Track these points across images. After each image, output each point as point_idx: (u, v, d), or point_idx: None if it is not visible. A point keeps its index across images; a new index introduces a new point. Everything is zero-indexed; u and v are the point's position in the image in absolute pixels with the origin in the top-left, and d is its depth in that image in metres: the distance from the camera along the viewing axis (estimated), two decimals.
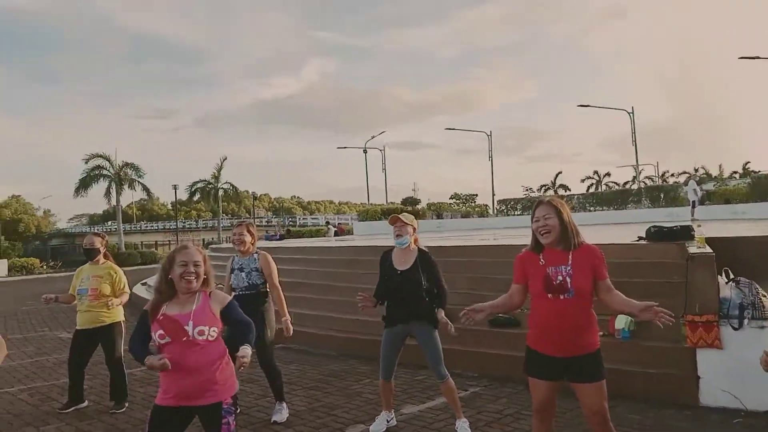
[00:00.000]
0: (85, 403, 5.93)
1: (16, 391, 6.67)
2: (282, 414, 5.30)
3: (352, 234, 32.42)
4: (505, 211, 36.32)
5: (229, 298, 3.39)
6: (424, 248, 4.86)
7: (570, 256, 3.40)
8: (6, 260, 32.33)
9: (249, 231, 5.44)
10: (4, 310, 14.70)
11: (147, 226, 74.58)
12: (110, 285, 5.81)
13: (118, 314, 5.91)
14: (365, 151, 46.30)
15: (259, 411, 5.57)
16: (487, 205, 44.30)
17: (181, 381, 3.14)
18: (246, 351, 3.12)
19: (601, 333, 6.16)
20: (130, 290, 6.13)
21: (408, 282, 4.67)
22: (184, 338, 3.14)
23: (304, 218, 78.85)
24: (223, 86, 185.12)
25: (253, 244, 5.46)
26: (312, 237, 32.82)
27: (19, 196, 55.25)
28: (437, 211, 38.17)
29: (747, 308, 5.20)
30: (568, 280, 3.35)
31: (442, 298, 4.71)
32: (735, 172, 50.79)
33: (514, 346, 3.51)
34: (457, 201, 72.38)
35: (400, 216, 4.80)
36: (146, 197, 46.34)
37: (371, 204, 43.58)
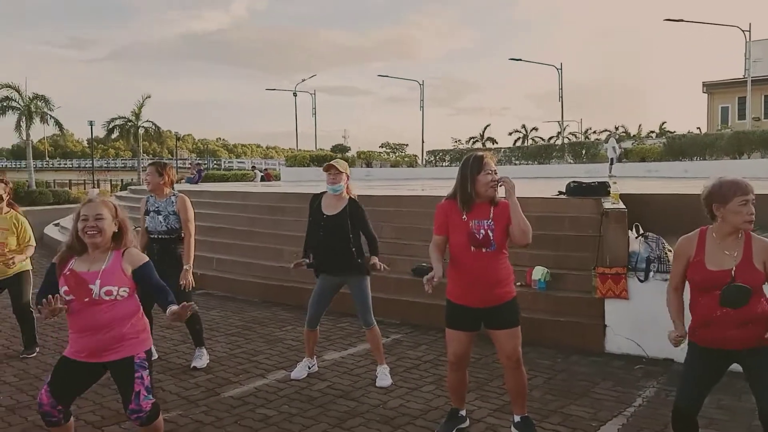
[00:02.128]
0: None
1: None
2: (202, 360, 5.25)
3: (280, 180, 31.96)
4: (433, 162, 36.64)
5: (144, 259, 3.19)
6: (355, 197, 4.83)
7: (491, 211, 3.48)
8: None
9: (159, 172, 5.19)
10: None
11: (61, 164, 70.95)
12: (15, 236, 5.48)
13: (26, 263, 5.62)
14: (295, 95, 45.24)
15: (178, 357, 5.50)
16: (416, 156, 44.49)
17: (87, 338, 3.05)
18: (174, 308, 3.00)
19: (518, 283, 6.42)
20: (36, 241, 5.78)
21: (334, 229, 4.65)
22: (86, 298, 3.01)
23: (229, 161, 76.89)
24: (149, 15, 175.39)
25: (166, 185, 5.23)
26: (237, 181, 32.14)
27: None
28: (367, 159, 37.99)
29: (653, 262, 5.51)
30: (491, 233, 3.44)
31: (372, 246, 4.73)
32: (652, 132, 53.12)
33: (435, 295, 3.61)
34: (387, 150, 72.50)
35: (333, 163, 4.73)
36: (59, 133, 43.80)
37: (300, 150, 42.91)
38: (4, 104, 37.56)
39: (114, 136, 47.84)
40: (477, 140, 56.02)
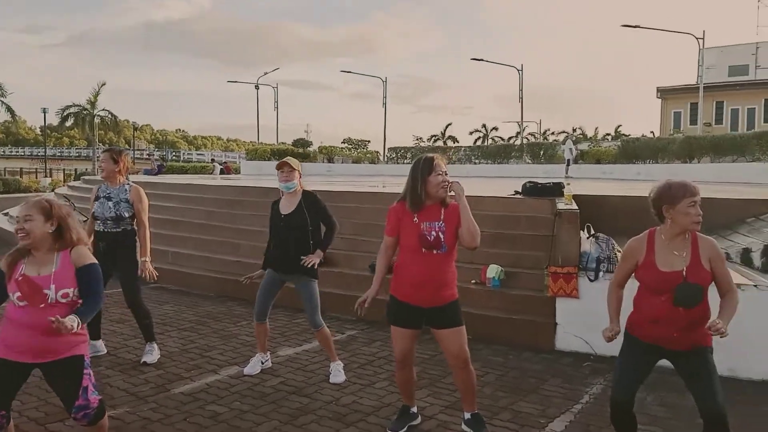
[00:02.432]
0: None
1: None
2: (152, 355, 5.16)
3: (239, 173, 31.58)
4: (395, 159, 36.73)
5: (89, 260, 3.08)
6: (308, 190, 4.82)
7: (442, 213, 3.51)
8: None
9: (114, 159, 5.10)
10: None
11: (12, 151, 68.67)
12: None
13: None
14: (257, 87, 44.67)
15: (128, 352, 5.39)
16: (378, 152, 44.54)
17: (32, 338, 2.95)
18: (73, 321, 2.80)
19: (473, 281, 6.49)
20: None
21: (292, 226, 4.62)
22: (42, 305, 2.93)
23: (189, 153, 75.61)
24: (111, 2, 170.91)
25: (120, 174, 5.13)
26: (196, 174, 31.62)
27: None
28: (328, 155, 37.80)
29: (603, 262, 5.64)
30: (441, 236, 3.46)
31: (330, 231, 4.72)
32: (608, 134, 54.24)
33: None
34: (349, 146, 72.20)
35: (287, 160, 4.72)
36: (11, 119, 42.37)
37: (261, 143, 42.44)
38: None
39: (68, 124, 46.52)
40: (438, 138, 56.36)
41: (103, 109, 44.86)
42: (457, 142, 54.29)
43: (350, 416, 4.09)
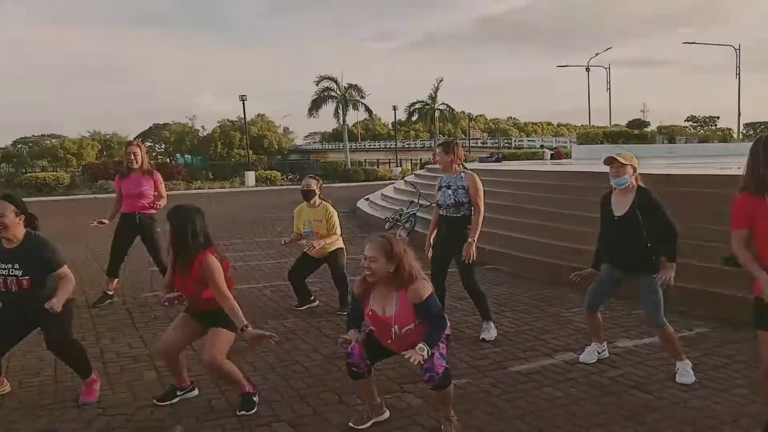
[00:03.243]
0: (316, 303, 6.67)
1: (261, 287, 7.70)
2: (490, 333, 5.43)
3: (570, 158, 31.01)
4: (752, 135, 31.80)
5: (426, 294, 3.38)
6: (643, 186, 4.44)
7: None
8: (253, 172, 36.63)
9: (446, 150, 5.45)
10: (253, 217, 16.81)
11: (370, 145, 78.85)
12: (325, 225, 6.40)
13: (339, 242, 6.56)
14: (588, 70, 43.30)
15: (468, 328, 5.76)
16: (731, 129, 39.00)
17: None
18: (422, 350, 3.24)
19: None
20: (350, 213, 6.60)
21: (625, 229, 4.33)
22: (389, 340, 3.46)
23: (519, 140, 76.99)
24: (446, 2, 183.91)
25: (453, 162, 5.47)
26: (527, 160, 32.08)
27: (264, 114, 61.39)
28: (669, 134, 34.57)
29: None
30: None
31: (670, 242, 4.22)
32: None
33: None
34: (694, 124, 64.92)
35: (615, 156, 4.40)
36: (368, 117, 48.87)
37: (592, 126, 41.01)
38: (325, 94, 43.28)
39: (414, 118, 51.69)
40: None
41: (442, 103, 48.72)
42: None
43: (703, 422, 3.69)
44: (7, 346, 4.13)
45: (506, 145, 67.16)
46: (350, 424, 3.67)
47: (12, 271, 3.88)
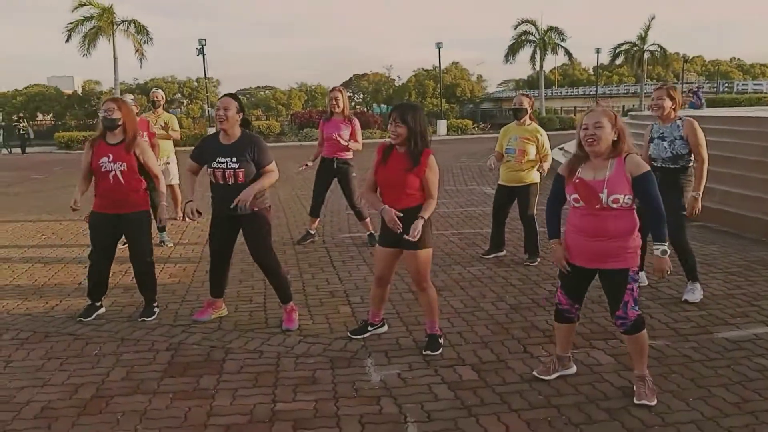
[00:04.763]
0: (504, 252, 6.60)
1: (449, 234, 7.81)
2: (695, 294, 4.97)
3: None
4: None
5: (646, 168, 3.19)
6: None
7: None
8: (445, 121, 36.89)
9: (669, 95, 4.93)
10: (443, 165, 16.93)
11: (568, 92, 75.00)
12: (535, 146, 6.10)
13: (536, 176, 6.22)
14: None
15: (668, 288, 5.33)
16: None
17: (587, 243, 3.27)
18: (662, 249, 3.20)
19: None
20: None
21: None
22: (597, 205, 3.19)
23: (743, 84, 67.93)
24: None
25: (674, 110, 4.95)
26: (752, 106, 28.26)
27: (458, 62, 61.01)
28: None
29: None
30: None
31: None
32: None
33: None
34: None
35: None
36: (568, 62, 46.33)
37: None
38: (523, 38, 41.70)
39: (618, 62, 47.93)
40: None
41: (653, 44, 44.40)
42: None
43: None
44: (229, 250, 4.66)
45: (726, 89, 59.73)
46: (535, 373, 3.63)
47: (230, 164, 4.33)
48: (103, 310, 4.93)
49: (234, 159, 4.32)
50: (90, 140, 4.76)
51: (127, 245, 4.86)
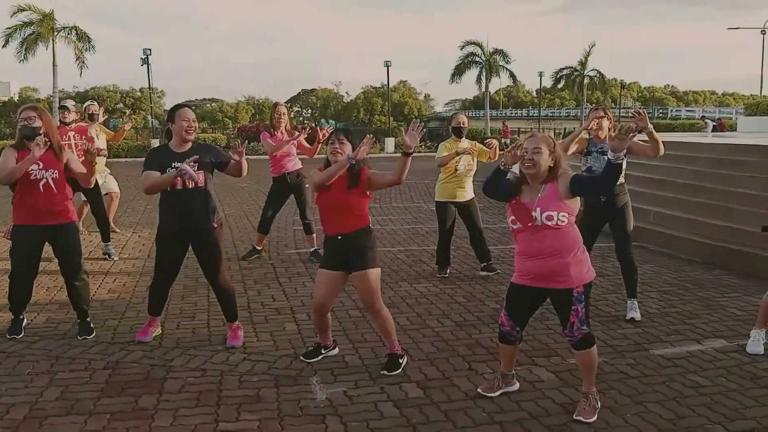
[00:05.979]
0: (446, 273, 6.67)
1: (396, 251, 7.86)
2: (638, 312, 5.15)
3: (735, 130, 28.19)
4: None
5: (570, 175, 3.34)
6: None
7: None
8: (393, 138, 37.14)
9: (608, 116, 5.23)
10: None
11: (512, 113, 76.77)
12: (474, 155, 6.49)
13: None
14: (764, 32, 38.79)
15: (607, 305, 5.51)
16: None
17: (530, 262, 3.36)
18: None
19: None
20: None
21: None
22: (530, 223, 3.30)
23: (677, 110, 71.10)
24: None
25: (611, 130, 5.21)
26: (684, 132, 29.65)
27: (406, 81, 61.74)
28: None
29: None
30: None
31: None
32: None
33: None
34: None
35: None
36: (512, 84, 47.53)
37: (764, 96, 36.91)
38: (469, 59, 42.56)
39: (560, 85, 49.50)
40: None
41: (592, 69, 46.07)
42: None
43: None
44: (177, 267, 4.57)
45: (661, 115, 62.43)
46: (479, 390, 3.68)
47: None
48: (26, 321, 4.75)
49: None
50: (13, 146, 4.44)
51: (57, 260, 4.70)
